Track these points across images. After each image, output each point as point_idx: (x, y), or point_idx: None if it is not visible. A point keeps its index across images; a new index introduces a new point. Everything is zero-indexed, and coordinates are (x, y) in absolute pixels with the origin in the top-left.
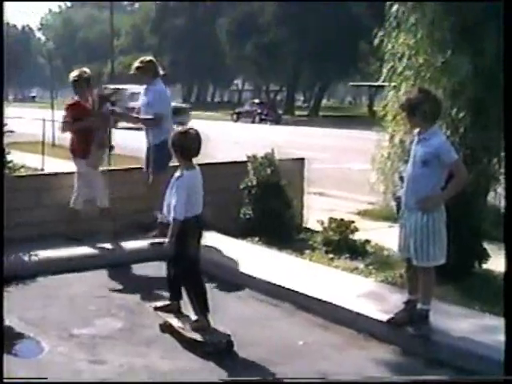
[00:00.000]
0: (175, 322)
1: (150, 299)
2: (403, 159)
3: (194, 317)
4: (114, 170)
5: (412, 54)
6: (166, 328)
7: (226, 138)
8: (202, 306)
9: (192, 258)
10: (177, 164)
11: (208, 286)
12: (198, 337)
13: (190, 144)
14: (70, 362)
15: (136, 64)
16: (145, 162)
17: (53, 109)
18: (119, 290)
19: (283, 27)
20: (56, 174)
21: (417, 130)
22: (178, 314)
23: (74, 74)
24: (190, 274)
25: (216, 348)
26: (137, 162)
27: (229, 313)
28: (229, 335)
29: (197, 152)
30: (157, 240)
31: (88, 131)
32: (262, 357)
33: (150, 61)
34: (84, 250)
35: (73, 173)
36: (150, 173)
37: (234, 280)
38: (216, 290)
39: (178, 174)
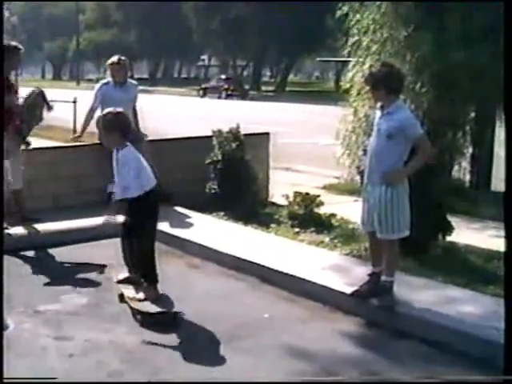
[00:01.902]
0: (127, 292)
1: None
2: (368, 133)
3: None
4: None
5: (377, 29)
6: (120, 298)
7: (193, 114)
8: (152, 276)
9: (146, 234)
10: None
11: (174, 262)
12: (143, 307)
13: (128, 122)
14: (36, 338)
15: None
16: None
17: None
18: (85, 266)
19: (250, 2)
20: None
21: (380, 104)
22: (138, 285)
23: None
24: (143, 247)
25: (161, 319)
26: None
27: (194, 287)
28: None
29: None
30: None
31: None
32: (227, 330)
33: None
34: (48, 227)
35: (36, 149)
36: None
37: (199, 254)
38: (181, 265)
39: (118, 153)
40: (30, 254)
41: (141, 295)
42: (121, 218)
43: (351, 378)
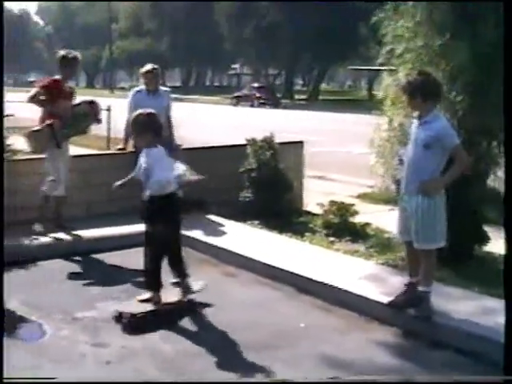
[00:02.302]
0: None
1: None
2: (402, 142)
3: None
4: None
5: (411, 37)
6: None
7: (226, 122)
8: (149, 284)
9: (154, 238)
10: None
11: (209, 270)
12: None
13: (159, 123)
14: (73, 345)
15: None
16: None
17: None
18: (121, 274)
19: (283, 10)
20: None
21: (416, 113)
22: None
23: (61, 52)
24: (148, 251)
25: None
26: None
27: (230, 296)
28: None
29: None
30: None
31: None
32: (263, 339)
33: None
34: (83, 234)
35: (75, 156)
36: None
37: (234, 263)
38: (216, 273)
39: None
40: (66, 261)
41: (143, 296)
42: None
43: (352, 378)
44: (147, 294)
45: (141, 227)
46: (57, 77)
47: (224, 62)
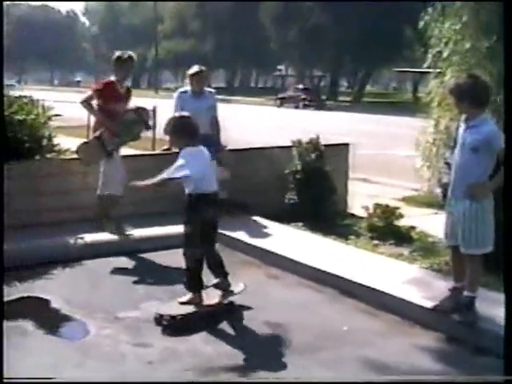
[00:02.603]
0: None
1: None
2: (448, 145)
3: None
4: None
5: (458, 39)
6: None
7: (270, 124)
8: (196, 283)
9: (188, 238)
10: None
11: (253, 271)
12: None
13: (193, 125)
14: (115, 345)
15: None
16: None
17: None
18: (166, 274)
19: (327, 12)
20: None
21: (464, 117)
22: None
23: (117, 53)
24: (185, 249)
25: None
26: None
27: (273, 297)
28: None
29: None
30: None
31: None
32: (306, 341)
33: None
34: (132, 234)
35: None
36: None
37: (278, 265)
38: (260, 275)
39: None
40: (111, 260)
41: (184, 298)
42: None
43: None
44: (188, 296)
45: None
46: (111, 78)
47: (269, 63)
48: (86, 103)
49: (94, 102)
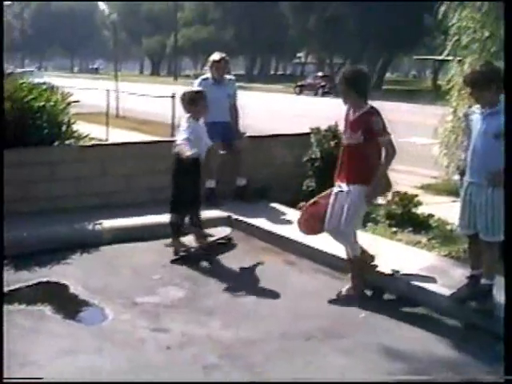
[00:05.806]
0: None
1: (216, 269)
2: (467, 133)
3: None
4: None
5: (477, 28)
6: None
7: (289, 111)
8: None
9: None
10: None
11: (271, 258)
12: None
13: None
14: (134, 330)
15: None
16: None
17: (117, 80)
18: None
19: (346, 1)
20: (120, 144)
21: (478, 105)
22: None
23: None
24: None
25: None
26: None
27: (291, 284)
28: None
29: None
30: None
31: None
32: (323, 328)
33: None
34: (148, 220)
35: (136, 143)
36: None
37: (296, 251)
38: (278, 262)
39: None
40: (129, 245)
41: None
42: None
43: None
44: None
45: (208, 214)
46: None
47: (288, 50)
48: None
49: None
